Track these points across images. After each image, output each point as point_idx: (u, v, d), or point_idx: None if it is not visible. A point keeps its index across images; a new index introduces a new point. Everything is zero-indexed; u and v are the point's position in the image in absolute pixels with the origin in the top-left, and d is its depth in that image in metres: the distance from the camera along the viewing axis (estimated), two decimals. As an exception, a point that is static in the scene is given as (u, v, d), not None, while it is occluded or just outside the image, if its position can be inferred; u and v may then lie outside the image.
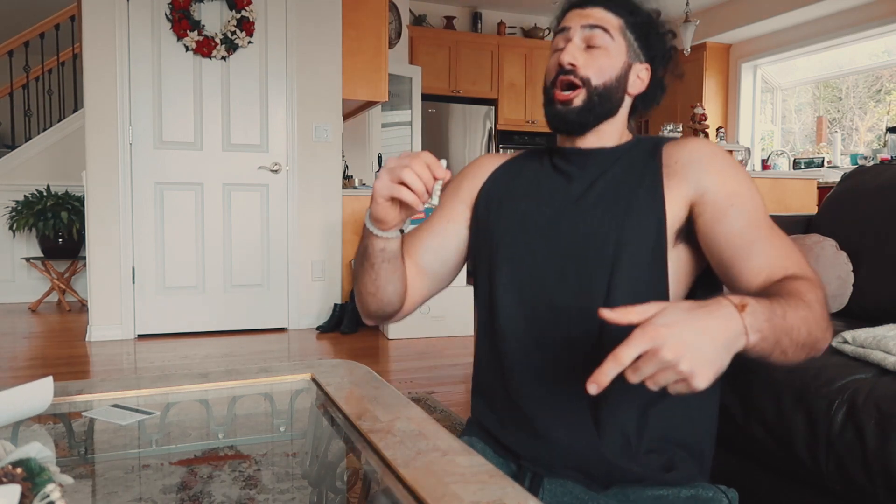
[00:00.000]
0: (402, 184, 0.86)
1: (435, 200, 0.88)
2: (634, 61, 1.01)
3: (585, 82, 0.97)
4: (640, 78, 1.02)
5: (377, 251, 0.96)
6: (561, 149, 1.04)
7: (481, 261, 1.06)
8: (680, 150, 0.96)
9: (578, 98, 0.97)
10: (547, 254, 0.97)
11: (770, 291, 0.78)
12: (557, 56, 0.99)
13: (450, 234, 1.09)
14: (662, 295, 0.93)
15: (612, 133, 1.02)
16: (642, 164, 0.97)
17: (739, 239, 0.88)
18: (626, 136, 1.04)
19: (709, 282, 0.98)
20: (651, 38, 1.02)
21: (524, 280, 0.99)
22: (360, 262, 1.01)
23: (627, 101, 1.02)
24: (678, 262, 0.94)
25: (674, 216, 0.93)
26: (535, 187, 1.03)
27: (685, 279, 0.96)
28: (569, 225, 0.97)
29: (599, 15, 0.99)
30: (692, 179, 0.93)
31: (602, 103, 0.98)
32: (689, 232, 0.94)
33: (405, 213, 0.92)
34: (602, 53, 0.98)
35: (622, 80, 0.99)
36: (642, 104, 1.04)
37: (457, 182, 1.12)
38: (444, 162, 0.87)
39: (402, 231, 0.95)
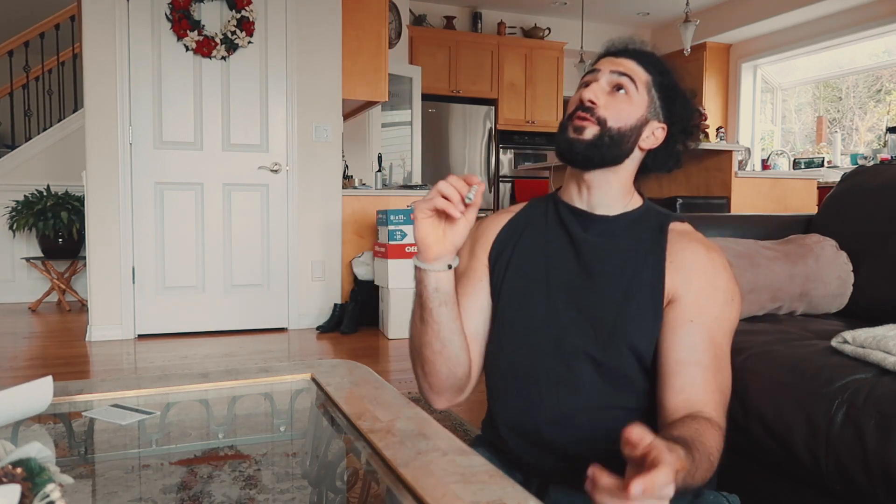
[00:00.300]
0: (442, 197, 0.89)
1: (471, 197, 0.89)
2: (653, 118, 1.03)
3: (601, 122, 0.99)
4: (654, 135, 1.03)
5: (431, 292, 0.95)
6: (566, 205, 1.06)
7: (492, 308, 1.09)
8: (681, 249, 1.00)
9: (590, 131, 0.99)
10: (545, 321, 1.01)
11: (687, 436, 0.81)
12: (580, 93, 1.02)
13: (481, 292, 1.10)
14: (648, 375, 0.98)
15: (617, 184, 1.03)
16: (649, 242, 1.01)
17: (681, 353, 0.93)
18: (633, 197, 1.06)
19: None
20: (676, 103, 1.04)
21: (520, 346, 1.02)
22: (417, 321, 1.00)
23: (637, 155, 1.04)
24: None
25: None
26: (542, 251, 1.05)
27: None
28: (572, 298, 1.00)
29: (630, 65, 1.02)
30: (678, 279, 0.98)
31: (612, 146, 0.99)
32: None
33: (449, 235, 0.92)
34: (624, 99, 1.01)
35: (636, 130, 1.01)
36: (653, 163, 1.06)
37: (470, 244, 1.13)
38: (478, 177, 0.91)
39: (451, 267, 0.95)
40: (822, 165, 6.19)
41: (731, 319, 0.99)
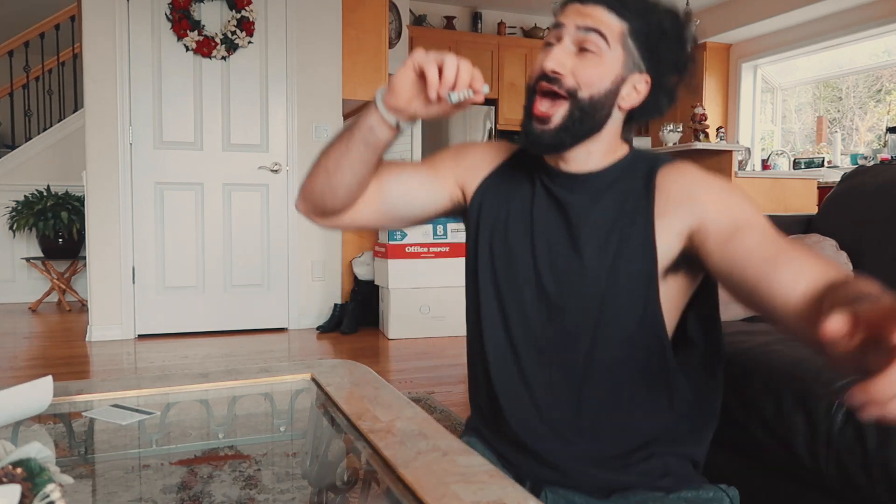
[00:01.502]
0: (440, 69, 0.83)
1: (454, 99, 0.83)
2: (632, 72, 0.90)
3: (570, 94, 0.88)
4: (636, 90, 0.91)
5: (365, 127, 0.91)
6: (550, 168, 0.96)
7: (469, 275, 1.03)
8: (673, 182, 0.90)
9: (558, 115, 0.89)
10: (534, 296, 0.94)
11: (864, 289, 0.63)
12: (542, 59, 0.90)
13: (428, 187, 1.04)
14: (654, 335, 0.90)
15: (599, 150, 0.93)
16: (635, 198, 0.91)
17: (759, 254, 0.79)
18: (619, 149, 0.96)
19: (701, 300, 0.95)
20: (660, 47, 0.90)
21: (511, 319, 0.96)
22: (338, 135, 0.96)
23: (618, 115, 0.93)
24: (669, 294, 0.91)
25: (665, 255, 0.88)
26: (527, 217, 0.97)
27: (676, 307, 0.93)
28: (557, 268, 0.93)
29: (599, 16, 0.87)
30: (687, 213, 0.87)
31: (584, 120, 0.89)
32: (684, 262, 0.90)
33: (415, 104, 0.87)
34: (593, 61, 0.87)
35: (612, 94, 0.89)
36: (639, 113, 0.94)
37: (460, 154, 1.07)
38: (486, 88, 0.85)
39: (399, 127, 0.90)
40: (822, 165, 6.18)
41: (767, 220, 0.85)
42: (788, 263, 0.76)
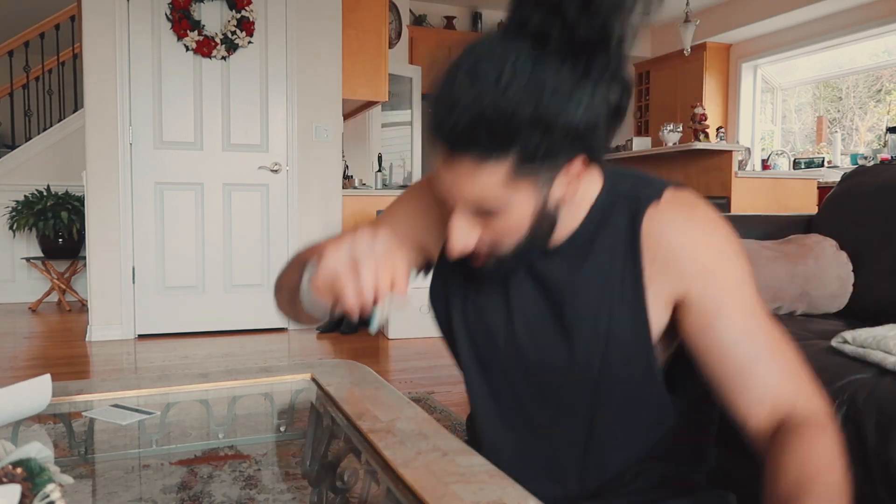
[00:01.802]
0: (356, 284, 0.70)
1: (374, 330, 0.73)
2: (555, 176, 0.72)
3: (492, 251, 0.78)
4: (574, 175, 0.74)
5: (302, 305, 0.86)
6: None
7: (450, 345, 0.97)
8: (660, 237, 0.79)
9: (492, 259, 0.79)
10: (523, 376, 0.89)
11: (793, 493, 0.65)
12: (448, 236, 0.76)
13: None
14: (654, 400, 0.85)
15: (563, 226, 0.81)
16: (621, 260, 0.80)
17: (731, 355, 0.76)
18: (588, 191, 0.81)
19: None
20: (571, 126, 0.67)
21: (502, 395, 0.92)
22: (287, 276, 0.91)
23: (566, 205, 0.78)
24: (664, 348, 0.86)
25: (658, 325, 0.81)
26: (501, 290, 0.87)
27: (671, 347, 0.88)
28: (544, 353, 0.85)
29: (476, 177, 0.69)
30: (674, 279, 0.79)
31: (524, 256, 0.79)
32: (673, 327, 0.83)
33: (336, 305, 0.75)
34: (499, 219, 0.74)
35: (543, 220, 0.75)
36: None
37: (414, 212, 0.96)
38: (411, 281, 0.75)
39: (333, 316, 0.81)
40: (822, 165, 6.19)
41: (749, 277, 0.80)
42: (756, 382, 0.76)
